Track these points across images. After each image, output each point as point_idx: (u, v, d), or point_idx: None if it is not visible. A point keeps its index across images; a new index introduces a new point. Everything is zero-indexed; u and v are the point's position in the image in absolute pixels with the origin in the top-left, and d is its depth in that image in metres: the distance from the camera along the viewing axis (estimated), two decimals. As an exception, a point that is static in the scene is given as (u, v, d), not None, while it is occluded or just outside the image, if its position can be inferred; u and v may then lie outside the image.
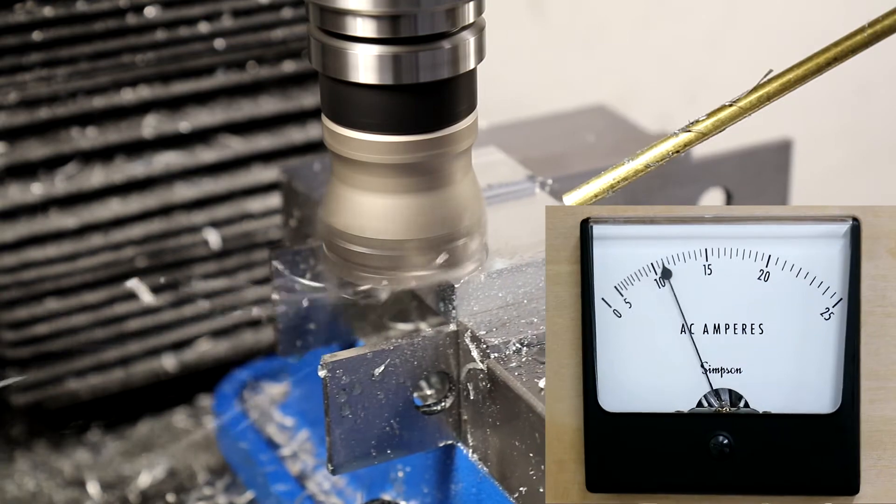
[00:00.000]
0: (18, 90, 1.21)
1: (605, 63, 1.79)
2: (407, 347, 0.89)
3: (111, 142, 1.25)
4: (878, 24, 0.82)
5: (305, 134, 1.31)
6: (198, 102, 1.29)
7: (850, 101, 1.93)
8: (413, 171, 0.88)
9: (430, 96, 0.86)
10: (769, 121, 1.13)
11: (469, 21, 0.86)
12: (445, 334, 0.90)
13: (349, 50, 0.84)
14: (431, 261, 0.89)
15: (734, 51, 1.83)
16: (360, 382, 0.88)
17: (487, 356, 0.87)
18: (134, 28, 1.22)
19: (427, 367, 0.90)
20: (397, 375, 0.89)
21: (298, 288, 1.00)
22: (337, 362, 0.87)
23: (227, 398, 1.21)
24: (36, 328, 1.26)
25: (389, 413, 0.89)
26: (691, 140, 0.85)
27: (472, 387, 0.89)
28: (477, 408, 0.89)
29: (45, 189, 1.23)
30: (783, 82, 0.84)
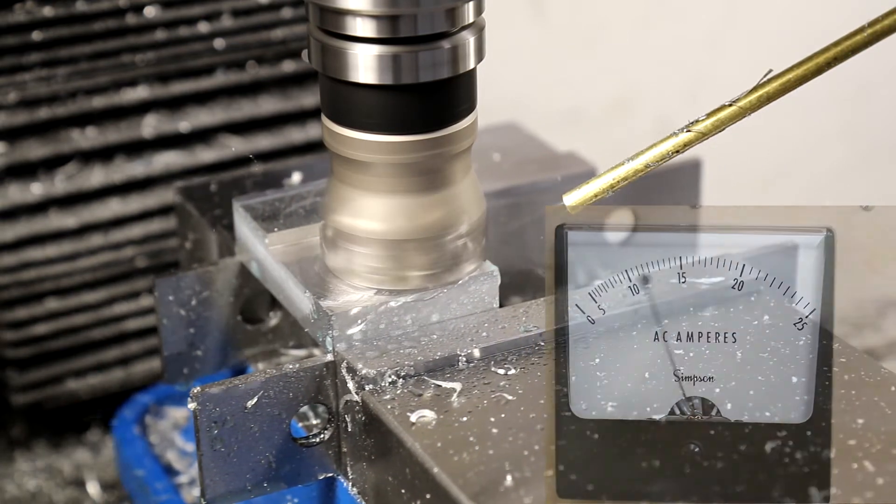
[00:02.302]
0: (18, 90, 1.21)
1: (605, 63, 1.79)
2: (280, 379, 0.86)
3: (111, 142, 1.25)
4: (878, 24, 0.82)
5: (305, 134, 1.32)
6: (198, 102, 1.29)
7: (850, 101, 1.93)
8: (413, 171, 0.88)
9: (429, 96, 0.86)
10: (769, 121, 1.13)
11: (469, 21, 0.86)
12: (322, 365, 0.87)
13: (349, 50, 0.84)
14: (431, 261, 0.89)
15: (734, 51, 1.83)
16: (232, 415, 0.85)
17: (362, 388, 0.85)
18: (134, 28, 1.22)
19: (303, 398, 0.87)
20: (272, 407, 0.86)
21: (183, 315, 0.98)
22: (207, 394, 0.84)
23: (126, 423, 1.18)
24: (36, 328, 1.26)
25: (265, 446, 0.87)
26: (691, 140, 0.85)
27: (350, 419, 0.86)
28: (354, 440, 0.87)
29: (45, 189, 1.24)
30: (783, 82, 0.84)
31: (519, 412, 0.82)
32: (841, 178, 1.97)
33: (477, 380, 0.85)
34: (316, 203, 0.97)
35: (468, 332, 0.88)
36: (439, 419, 0.82)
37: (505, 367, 0.86)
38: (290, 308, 0.93)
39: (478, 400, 0.83)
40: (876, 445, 0.79)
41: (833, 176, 1.96)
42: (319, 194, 0.98)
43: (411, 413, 0.82)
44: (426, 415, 0.82)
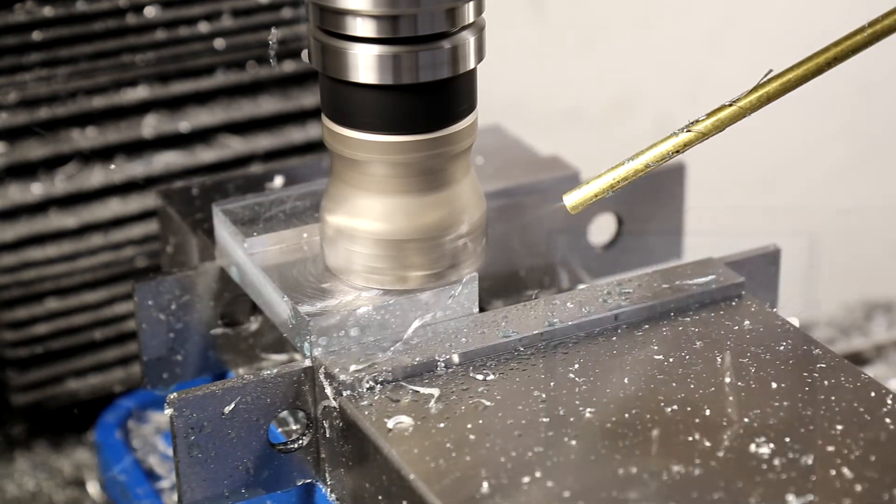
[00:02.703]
0: (18, 90, 1.21)
1: (605, 63, 1.79)
2: (258, 384, 0.85)
3: (111, 142, 1.25)
4: (878, 24, 0.82)
5: (305, 134, 1.31)
6: (198, 102, 1.29)
7: (850, 101, 1.93)
8: (413, 171, 0.87)
9: (429, 96, 0.86)
10: (769, 121, 1.13)
11: (469, 21, 0.86)
12: (300, 370, 0.86)
13: (349, 50, 0.84)
14: (431, 261, 0.89)
15: (734, 51, 1.83)
16: (209, 421, 0.84)
17: (340, 394, 0.84)
18: (134, 28, 1.22)
19: (281, 404, 0.86)
20: (249, 413, 0.85)
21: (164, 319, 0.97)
22: (184, 400, 0.84)
23: (108, 427, 1.17)
24: (36, 328, 1.26)
25: (242, 452, 0.86)
26: (691, 140, 0.85)
27: (328, 425, 0.86)
28: (333, 446, 0.86)
29: (45, 189, 1.24)
30: (783, 82, 0.84)
31: (496, 418, 0.81)
32: (841, 178, 1.97)
33: (455, 385, 0.84)
34: (296, 207, 0.97)
35: (447, 337, 0.88)
36: (416, 425, 0.81)
37: (484, 372, 0.85)
38: (268, 313, 0.92)
39: (455, 406, 0.82)
40: (855, 452, 0.78)
41: (833, 176, 1.96)
42: (300, 198, 0.97)
43: (388, 419, 0.81)
44: (403, 421, 0.81)
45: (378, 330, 0.88)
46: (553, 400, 0.83)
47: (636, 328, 0.89)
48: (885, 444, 0.78)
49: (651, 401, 0.82)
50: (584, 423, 0.81)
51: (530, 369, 0.85)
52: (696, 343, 0.87)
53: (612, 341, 0.88)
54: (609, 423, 0.80)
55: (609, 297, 0.91)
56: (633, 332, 0.89)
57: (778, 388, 0.83)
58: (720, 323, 0.90)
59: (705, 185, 1.86)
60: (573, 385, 0.84)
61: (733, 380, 0.84)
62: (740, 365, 0.85)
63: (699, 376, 0.84)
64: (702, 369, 0.85)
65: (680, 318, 0.90)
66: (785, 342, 0.87)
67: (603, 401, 0.82)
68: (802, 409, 0.81)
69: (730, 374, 0.84)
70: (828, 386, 0.83)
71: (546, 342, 0.88)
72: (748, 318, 0.90)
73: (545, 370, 0.85)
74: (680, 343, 0.88)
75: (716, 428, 0.80)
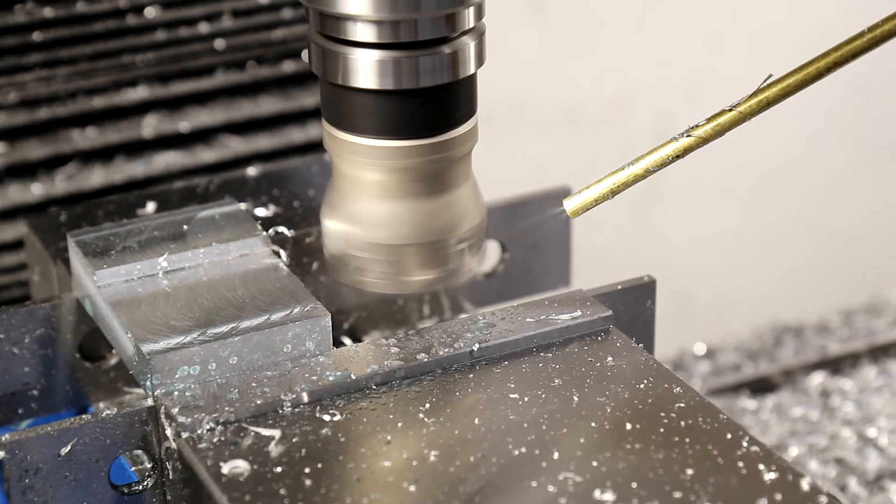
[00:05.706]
0: (18, 90, 1.21)
1: (605, 63, 1.79)
2: (96, 425, 0.82)
3: (111, 142, 1.25)
4: (878, 29, 0.82)
5: (305, 134, 1.31)
6: (198, 102, 1.29)
7: (850, 102, 1.93)
8: (413, 176, 0.88)
9: (430, 101, 0.86)
10: (770, 122, 1.13)
11: (469, 26, 0.86)
12: (143, 410, 0.83)
13: (349, 55, 0.84)
14: (432, 265, 0.89)
15: (734, 51, 1.83)
16: (44, 462, 0.81)
17: (179, 435, 0.81)
18: (134, 28, 1.22)
19: (122, 444, 0.83)
20: (88, 454, 0.82)
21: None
22: (16, 442, 0.80)
23: None
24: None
25: (82, 494, 0.82)
26: (691, 145, 0.85)
27: (171, 467, 0.83)
28: (176, 489, 0.83)
29: (45, 189, 1.24)
30: (783, 87, 0.84)
31: (336, 462, 0.78)
32: (841, 178, 1.97)
33: (299, 427, 0.81)
34: (154, 237, 0.94)
35: (297, 375, 0.84)
36: (252, 470, 0.77)
37: (331, 412, 0.82)
38: (116, 348, 0.90)
39: (296, 448, 0.79)
40: (703, 498, 0.74)
41: (834, 176, 1.96)
42: (159, 228, 0.95)
43: (224, 463, 0.78)
44: (239, 465, 0.78)
45: (225, 368, 0.85)
46: (398, 442, 0.79)
47: (495, 365, 0.86)
48: (734, 489, 0.75)
49: (500, 443, 0.79)
50: (426, 468, 0.77)
51: (380, 409, 0.82)
52: (554, 381, 0.84)
53: (469, 378, 0.84)
54: (452, 467, 0.77)
55: (470, 332, 0.87)
56: (492, 369, 0.85)
57: (632, 429, 0.79)
58: (583, 359, 0.86)
59: (705, 185, 1.86)
60: (421, 426, 0.80)
61: (587, 421, 0.80)
62: (596, 404, 0.81)
63: (553, 417, 0.81)
64: (556, 409, 0.81)
65: (542, 353, 0.86)
66: (646, 380, 0.83)
67: (450, 443, 0.79)
68: (654, 451, 0.78)
69: (584, 414, 0.81)
70: (684, 427, 0.80)
71: (400, 380, 0.85)
72: (612, 354, 0.86)
73: (394, 410, 0.82)
74: (538, 381, 0.84)
75: (562, 472, 0.76)
